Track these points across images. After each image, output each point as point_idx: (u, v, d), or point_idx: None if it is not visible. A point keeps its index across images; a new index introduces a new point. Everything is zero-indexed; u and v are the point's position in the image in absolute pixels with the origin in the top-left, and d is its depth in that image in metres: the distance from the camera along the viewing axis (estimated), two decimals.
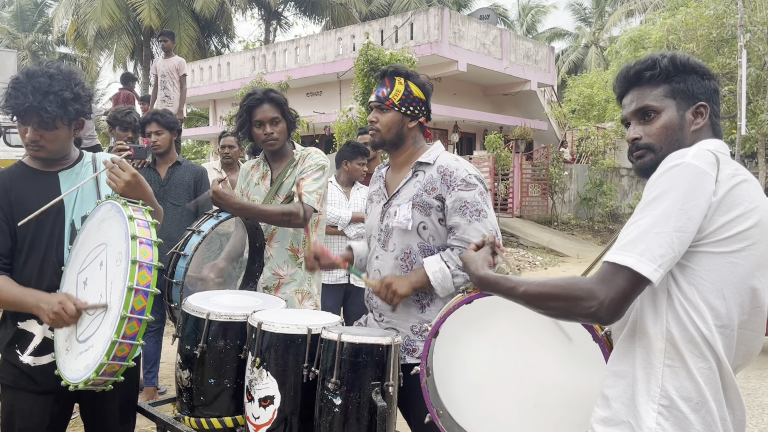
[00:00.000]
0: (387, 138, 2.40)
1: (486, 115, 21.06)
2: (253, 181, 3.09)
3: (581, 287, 1.36)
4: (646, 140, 1.53)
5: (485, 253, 1.75)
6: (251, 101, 2.91)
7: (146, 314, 1.88)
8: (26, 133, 2.13)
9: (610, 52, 21.73)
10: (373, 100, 2.41)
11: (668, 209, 1.33)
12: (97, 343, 1.91)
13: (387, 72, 2.40)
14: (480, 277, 1.64)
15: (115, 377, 1.97)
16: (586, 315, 1.36)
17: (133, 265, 1.85)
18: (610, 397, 1.47)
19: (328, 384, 1.85)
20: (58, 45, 32.97)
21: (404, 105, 2.36)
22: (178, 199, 4.23)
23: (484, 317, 1.84)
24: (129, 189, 2.11)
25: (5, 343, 2.21)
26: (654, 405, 1.38)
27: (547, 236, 16.06)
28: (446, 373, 1.89)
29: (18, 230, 2.16)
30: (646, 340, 1.42)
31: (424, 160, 2.38)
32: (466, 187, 2.27)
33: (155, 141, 4.28)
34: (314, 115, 18.27)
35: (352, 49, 18.39)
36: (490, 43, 19.76)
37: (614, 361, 1.50)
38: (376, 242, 2.45)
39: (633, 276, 1.32)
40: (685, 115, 1.50)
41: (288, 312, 2.24)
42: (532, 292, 1.45)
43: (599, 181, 18.78)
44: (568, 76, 29.34)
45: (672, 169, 1.36)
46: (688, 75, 1.51)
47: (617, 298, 1.32)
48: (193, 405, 2.15)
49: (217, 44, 29.12)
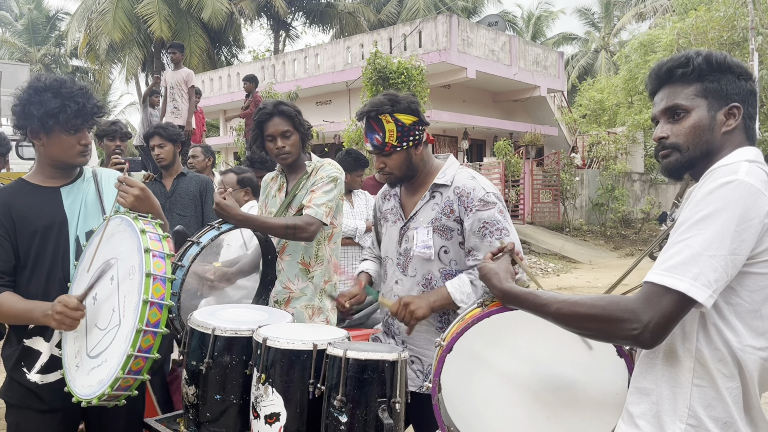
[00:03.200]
0: (401, 175, 2.36)
1: (496, 122, 21.02)
2: (271, 193, 3.07)
3: (623, 308, 1.29)
4: (673, 140, 1.46)
5: (506, 264, 1.67)
6: (261, 116, 2.88)
7: (161, 327, 1.88)
8: (82, 138, 2.17)
9: (619, 56, 21.63)
10: (370, 149, 2.33)
11: (722, 230, 1.26)
12: (111, 357, 1.91)
13: (369, 115, 2.29)
14: (504, 291, 1.58)
15: (129, 391, 1.96)
16: (626, 338, 1.30)
17: (148, 278, 1.86)
18: (634, 415, 1.43)
19: (334, 401, 1.82)
20: (70, 58, 33.33)
21: (404, 140, 2.29)
22: (185, 210, 4.27)
23: (501, 332, 1.78)
24: (138, 203, 2.13)
25: (12, 362, 2.20)
26: (681, 425, 1.34)
27: (558, 242, 15.96)
28: (457, 389, 1.85)
29: (21, 247, 2.15)
30: (673, 358, 1.37)
31: (441, 181, 2.33)
32: (484, 207, 2.22)
33: (158, 154, 4.34)
34: (324, 124, 18.30)
35: (361, 57, 18.42)
36: (499, 49, 19.74)
37: (637, 378, 1.46)
38: (395, 266, 2.40)
39: (682, 300, 1.26)
40: (717, 116, 1.43)
41: (294, 327, 2.22)
42: (567, 312, 1.38)
43: (611, 187, 18.66)
44: (578, 81, 29.24)
45: (724, 186, 1.29)
46: (723, 74, 1.44)
47: (662, 322, 1.26)
48: (199, 421, 2.13)
49: (227, 55, 29.32)
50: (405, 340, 2.36)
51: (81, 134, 2.17)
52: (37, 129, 2.12)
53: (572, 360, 1.76)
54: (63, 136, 2.14)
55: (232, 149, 20.67)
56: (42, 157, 2.23)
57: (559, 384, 1.77)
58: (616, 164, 19.33)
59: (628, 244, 17.41)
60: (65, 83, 2.12)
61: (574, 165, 19.16)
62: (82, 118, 2.13)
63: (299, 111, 2.94)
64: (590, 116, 22.23)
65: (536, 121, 22.41)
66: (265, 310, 2.47)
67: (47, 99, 2.07)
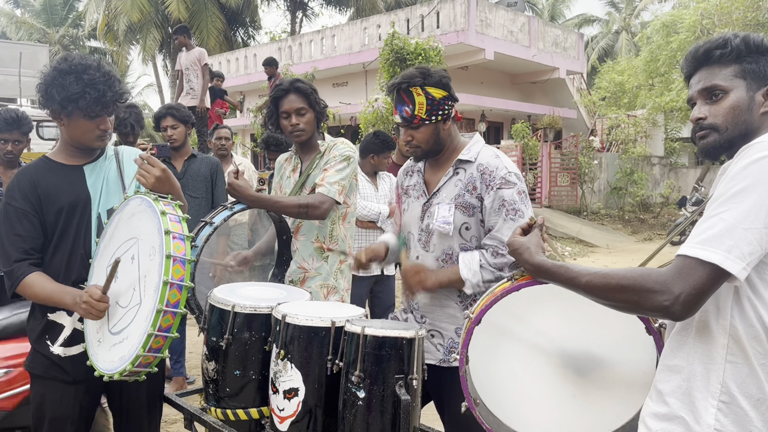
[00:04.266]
0: (428, 149, 2.35)
1: (514, 104, 20.82)
2: (285, 174, 3.09)
3: (654, 279, 1.30)
4: (711, 120, 1.46)
5: (537, 238, 1.67)
6: (277, 92, 2.89)
7: (180, 307, 1.92)
8: (101, 124, 2.18)
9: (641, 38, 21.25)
10: (399, 121, 2.32)
11: (757, 204, 1.26)
12: (132, 335, 1.95)
13: (400, 87, 2.29)
14: (536, 264, 1.58)
15: (149, 368, 2.00)
16: (657, 309, 1.30)
17: (168, 259, 1.88)
18: (664, 392, 1.43)
19: (352, 377, 1.84)
20: (88, 39, 33.45)
21: (433, 114, 2.28)
22: (196, 191, 4.30)
23: (530, 306, 1.78)
24: (159, 184, 2.15)
25: (36, 334, 2.25)
26: (713, 401, 1.34)
27: (576, 226, 15.86)
28: (484, 363, 1.85)
29: (47, 224, 2.19)
30: (706, 334, 1.37)
31: (465, 157, 2.32)
32: (505, 185, 2.22)
33: (171, 135, 4.38)
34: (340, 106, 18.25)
35: (378, 38, 18.30)
36: (518, 30, 19.50)
37: (668, 355, 1.46)
38: (416, 242, 2.41)
39: (715, 272, 1.26)
40: (755, 97, 1.43)
41: (312, 304, 2.24)
42: (598, 283, 1.39)
43: (630, 170, 18.45)
44: (598, 62, 28.83)
45: (760, 161, 1.29)
46: (761, 56, 1.44)
47: (694, 294, 1.26)
48: (219, 396, 2.17)
49: (244, 36, 29.27)
50: (424, 314, 2.38)
51: (100, 120, 2.18)
52: (58, 111, 2.15)
53: (600, 338, 1.76)
54: (82, 121, 2.16)
55: (249, 131, 20.73)
56: (64, 136, 2.26)
57: (586, 362, 1.77)
58: (635, 147, 19.09)
59: (646, 229, 17.26)
60: (89, 68, 2.12)
61: (592, 148, 18.94)
62: (101, 105, 2.13)
63: (315, 89, 2.94)
64: (610, 99, 21.95)
65: (555, 104, 22.16)
66: (283, 288, 2.50)
67: (69, 83, 2.08)
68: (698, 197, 14.81)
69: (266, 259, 2.99)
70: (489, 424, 1.81)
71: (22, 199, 2.18)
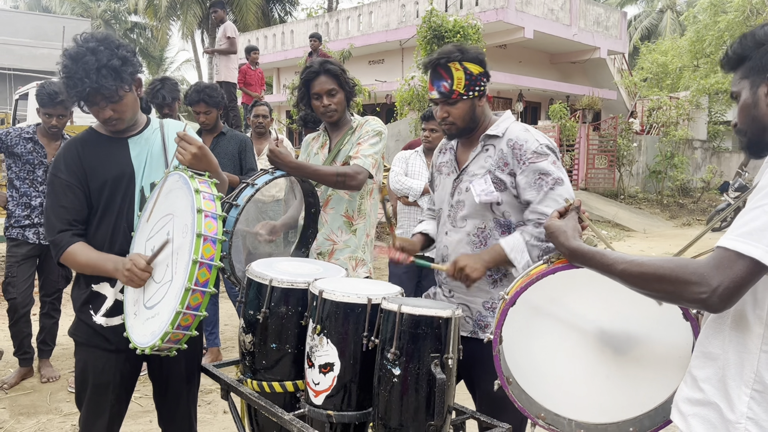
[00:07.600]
0: (464, 127, 2.34)
1: (552, 84, 20.46)
2: (313, 151, 3.14)
3: (692, 271, 1.28)
4: (738, 125, 1.48)
5: (573, 222, 1.66)
6: (308, 74, 2.95)
7: (209, 286, 1.92)
8: (100, 113, 2.18)
9: (687, 17, 20.60)
10: (436, 96, 2.31)
11: None
12: (162, 311, 1.97)
13: (439, 62, 2.28)
14: (572, 248, 1.57)
15: (179, 345, 2.03)
16: (694, 300, 1.28)
17: (198, 238, 1.89)
18: (699, 378, 1.43)
19: (388, 354, 1.85)
20: (129, 14, 33.85)
21: (470, 89, 2.27)
22: (224, 168, 4.32)
23: (565, 289, 1.77)
24: (196, 161, 2.16)
25: (79, 304, 2.31)
26: (747, 390, 1.33)
27: (612, 210, 15.60)
28: (517, 342, 1.85)
29: (92, 196, 2.23)
30: (743, 324, 1.36)
31: (493, 132, 2.31)
32: (538, 158, 2.20)
33: (204, 120, 4.42)
34: (376, 84, 18.18)
35: (416, 15, 18.11)
36: (559, 8, 19.08)
37: (703, 342, 1.45)
38: (445, 217, 2.41)
39: (755, 266, 1.24)
40: (757, 92, 1.42)
41: (349, 281, 2.25)
42: (634, 271, 1.37)
43: (670, 154, 18.03)
44: (641, 42, 28.06)
45: None
46: (757, 49, 1.42)
47: (732, 287, 1.24)
48: (255, 368, 2.20)
49: (281, 12, 29.27)
50: (452, 289, 2.39)
51: (96, 109, 2.17)
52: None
53: (636, 321, 1.74)
54: (92, 110, 2.18)
55: (285, 108, 20.81)
56: None
57: (620, 344, 1.76)
58: (677, 130, 18.60)
59: (685, 214, 16.88)
60: (78, 58, 2.06)
61: (632, 130, 18.53)
62: (81, 98, 2.11)
63: (345, 69, 2.99)
64: (652, 80, 21.38)
65: (594, 84, 21.70)
66: (319, 263, 2.52)
67: (65, 70, 2.09)
68: (741, 183, 14.37)
69: (290, 233, 3.02)
70: (521, 402, 1.82)
71: (68, 171, 2.22)
